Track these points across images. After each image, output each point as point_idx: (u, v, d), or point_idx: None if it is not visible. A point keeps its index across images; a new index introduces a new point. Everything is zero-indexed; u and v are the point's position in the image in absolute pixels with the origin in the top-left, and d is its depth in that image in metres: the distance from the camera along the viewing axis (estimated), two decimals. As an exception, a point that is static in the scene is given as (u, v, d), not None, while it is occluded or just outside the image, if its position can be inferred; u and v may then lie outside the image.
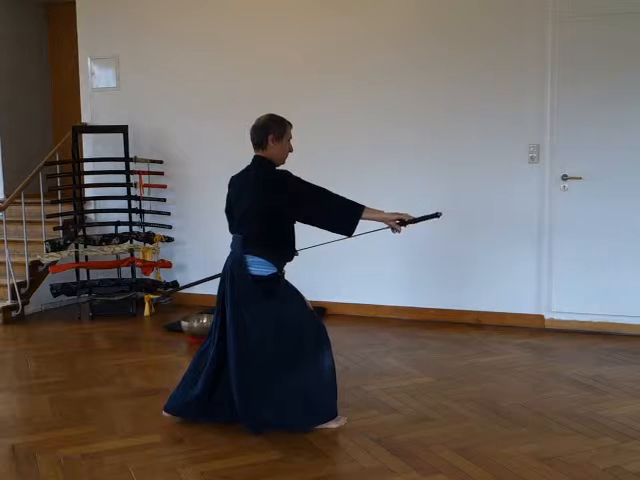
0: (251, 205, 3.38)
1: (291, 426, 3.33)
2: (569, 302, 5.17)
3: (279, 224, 3.40)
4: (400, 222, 3.41)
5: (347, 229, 3.36)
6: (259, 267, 3.36)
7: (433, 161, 5.46)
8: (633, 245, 4.99)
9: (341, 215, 3.35)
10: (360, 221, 3.33)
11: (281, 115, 3.55)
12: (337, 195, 3.36)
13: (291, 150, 3.52)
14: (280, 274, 3.44)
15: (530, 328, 5.24)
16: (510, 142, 5.24)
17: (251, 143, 3.48)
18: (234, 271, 3.38)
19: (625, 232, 5.00)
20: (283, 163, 3.51)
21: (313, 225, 3.38)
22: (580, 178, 5.08)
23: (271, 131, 3.42)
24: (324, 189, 3.36)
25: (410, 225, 3.43)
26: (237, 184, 3.52)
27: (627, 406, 3.64)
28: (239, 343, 3.32)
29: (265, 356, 3.31)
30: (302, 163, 5.61)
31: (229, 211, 3.57)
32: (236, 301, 3.34)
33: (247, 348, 3.31)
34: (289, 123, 3.50)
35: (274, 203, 3.33)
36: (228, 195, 3.59)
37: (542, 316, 5.28)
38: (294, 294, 3.47)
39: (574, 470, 2.90)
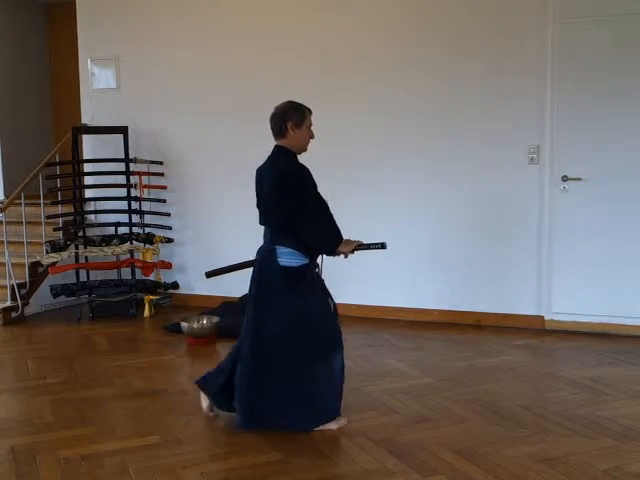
0: (270, 196, 3.30)
1: (295, 425, 3.31)
2: (569, 303, 5.16)
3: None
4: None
5: (329, 252, 3.39)
6: (288, 258, 3.29)
7: (434, 162, 5.45)
8: (633, 246, 4.99)
9: (326, 238, 3.35)
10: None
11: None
12: (330, 216, 3.36)
13: (312, 137, 3.43)
14: (312, 266, 3.37)
15: (530, 329, 5.24)
16: (510, 143, 5.24)
17: (271, 132, 3.38)
18: (262, 262, 3.34)
19: (625, 233, 5.00)
20: (305, 150, 3.43)
21: (297, 233, 3.27)
22: (580, 179, 5.08)
23: (290, 118, 3.32)
24: (325, 207, 3.34)
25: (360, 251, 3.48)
26: (259, 176, 3.43)
27: (627, 407, 3.64)
28: (255, 330, 3.28)
29: (279, 349, 3.27)
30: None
31: (258, 204, 3.46)
32: (261, 290, 3.31)
33: (262, 338, 3.27)
34: (308, 109, 3.40)
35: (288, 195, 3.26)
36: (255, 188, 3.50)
37: (542, 317, 5.28)
38: (320, 291, 3.41)
39: (574, 471, 2.90)
